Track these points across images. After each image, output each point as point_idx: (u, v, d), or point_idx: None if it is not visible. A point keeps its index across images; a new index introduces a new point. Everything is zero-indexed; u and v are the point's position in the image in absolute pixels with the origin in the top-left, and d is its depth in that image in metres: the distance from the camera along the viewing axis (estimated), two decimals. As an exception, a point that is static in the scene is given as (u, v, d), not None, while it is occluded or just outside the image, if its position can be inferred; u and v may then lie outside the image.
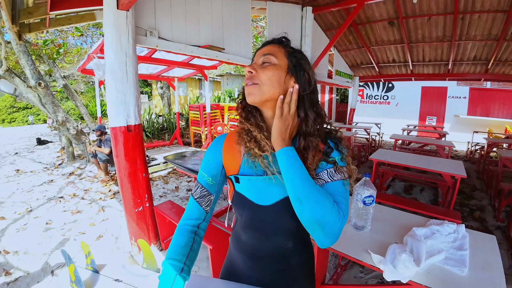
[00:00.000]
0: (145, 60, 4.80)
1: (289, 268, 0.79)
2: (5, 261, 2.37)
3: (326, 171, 0.68)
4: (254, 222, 0.75)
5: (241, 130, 0.74)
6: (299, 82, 0.71)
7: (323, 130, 0.74)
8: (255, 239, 0.77)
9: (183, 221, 0.76)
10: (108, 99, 2.13)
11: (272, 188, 0.71)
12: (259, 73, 0.69)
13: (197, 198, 0.76)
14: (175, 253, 0.70)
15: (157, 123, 9.45)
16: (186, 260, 0.70)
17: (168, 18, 2.53)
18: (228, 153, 0.77)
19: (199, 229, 0.77)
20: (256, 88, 0.69)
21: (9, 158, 6.67)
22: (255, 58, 0.74)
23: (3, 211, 3.41)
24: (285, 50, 0.73)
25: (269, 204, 0.72)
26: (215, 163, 0.78)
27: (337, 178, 0.67)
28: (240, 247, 0.81)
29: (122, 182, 2.28)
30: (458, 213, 2.24)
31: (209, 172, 0.77)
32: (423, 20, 4.84)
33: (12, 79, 4.60)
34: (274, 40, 0.76)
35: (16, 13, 1.93)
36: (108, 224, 3.03)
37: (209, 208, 0.77)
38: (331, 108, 13.98)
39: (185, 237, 0.73)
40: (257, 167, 0.70)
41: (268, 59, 0.70)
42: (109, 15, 1.93)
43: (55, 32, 6.90)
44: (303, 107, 0.71)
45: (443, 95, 9.34)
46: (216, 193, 0.78)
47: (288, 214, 0.70)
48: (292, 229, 0.75)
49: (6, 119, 18.10)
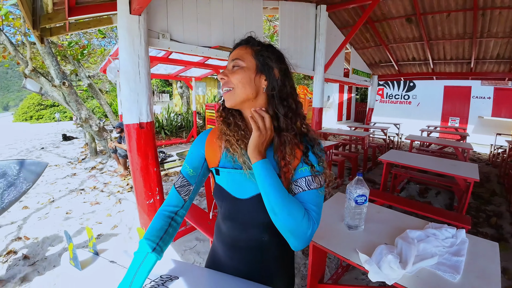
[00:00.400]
0: (163, 61, 4.96)
1: (266, 260, 0.83)
2: (25, 246, 2.58)
3: (305, 179, 0.72)
4: (232, 214, 0.80)
5: (221, 128, 0.79)
6: (268, 79, 0.74)
7: (299, 126, 0.77)
8: (233, 230, 0.82)
9: (163, 207, 0.82)
10: (122, 98, 2.27)
11: (248, 183, 0.75)
12: (230, 78, 0.74)
13: (178, 187, 0.82)
14: (150, 234, 0.76)
15: (176, 121, 9.73)
16: (159, 241, 0.75)
17: (180, 21, 2.63)
18: (210, 147, 0.82)
19: (176, 216, 0.82)
20: (230, 93, 0.74)
21: (35, 152, 7.15)
22: (228, 64, 0.78)
23: (27, 201, 3.69)
24: (252, 50, 0.75)
25: (245, 198, 0.77)
26: (198, 156, 0.83)
27: (313, 187, 0.71)
28: (221, 238, 0.86)
29: (135, 176, 2.41)
30: (469, 218, 2.16)
31: (191, 164, 0.83)
32: (442, 16, 4.65)
33: (38, 79, 4.94)
34: (242, 41, 0.78)
35: (37, 19, 2.09)
36: (124, 215, 3.21)
37: (187, 198, 0.82)
38: (350, 107, 13.67)
39: (161, 221, 0.79)
40: (235, 162, 0.76)
41: (236, 63, 0.74)
42: (123, 19, 2.05)
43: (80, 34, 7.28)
44: (273, 104, 0.74)
45: (467, 95, 8.87)
46: (196, 184, 0.83)
47: (263, 209, 0.73)
48: (267, 224, 0.76)
49: (34, 116, 19.32)
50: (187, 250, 2.49)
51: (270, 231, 0.80)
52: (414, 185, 4.18)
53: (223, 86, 0.75)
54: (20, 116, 19.97)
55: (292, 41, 4.28)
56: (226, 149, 0.78)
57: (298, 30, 4.33)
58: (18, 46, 5.96)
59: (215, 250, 0.91)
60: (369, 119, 8.25)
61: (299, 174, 0.73)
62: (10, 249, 2.53)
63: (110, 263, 0.92)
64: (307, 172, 0.72)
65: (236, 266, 0.84)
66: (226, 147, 0.77)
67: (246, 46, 0.76)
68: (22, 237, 2.74)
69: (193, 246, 2.54)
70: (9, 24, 5.71)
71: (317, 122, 5.15)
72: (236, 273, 0.84)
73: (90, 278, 0.86)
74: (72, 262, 0.91)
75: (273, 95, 0.74)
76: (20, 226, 2.99)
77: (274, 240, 0.82)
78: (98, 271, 0.89)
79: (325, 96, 12.75)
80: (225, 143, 0.76)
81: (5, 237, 2.74)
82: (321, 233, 1.36)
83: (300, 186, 0.72)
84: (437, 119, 9.53)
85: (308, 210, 0.69)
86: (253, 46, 0.76)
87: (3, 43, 5.08)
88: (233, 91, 0.73)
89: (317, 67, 4.81)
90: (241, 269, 0.83)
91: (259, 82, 0.74)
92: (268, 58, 0.74)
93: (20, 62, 5.09)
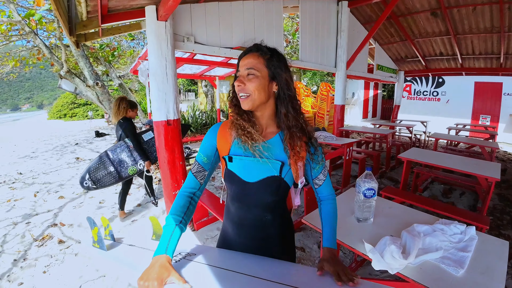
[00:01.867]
0: (188, 62, 5.18)
1: (269, 237, 0.97)
2: (60, 232, 2.89)
3: (322, 173, 0.99)
4: (240, 196, 0.94)
5: (235, 121, 0.91)
6: (279, 84, 0.89)
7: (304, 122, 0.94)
8: (240, 210, 0.96)
9: (183, 189, 0.95)
10: (152, 97, 2.48)
11: (258, 168, 0.89)
12: (247, 85, 0.86)
13: (194, 173, 0.95)
14: (175, 210, 0.89)
15: (200, 119, 10.06)
16: (184, 216, 0.88)
17: (203, 24, 2.79)
18: (222, 138, 0.94)
19: (195, 196, 0.95)
20: (248, 100, 0.87)
21: (70, 147, 7.75)
22: (240, 69, 0.89)
23: (63, 191, 4.08)
24: (263, 60, 0.87)
25: (253, 181, 0.90)
26: (211, 146, 0.95)
27: (326, 174, 1.01)
28: (230, 217, 1.01)
29: (162, 169, 2.62)
30: (488, 219, 2.11)
31: (205, 153, 0.95)
32: (467, 10, 4.45)
33: (72, 79, 5.38)
34: (252, 49, 0.90)
35: (72, 26, 2.35)
36: (152, 205, 3.46)
37: (203, 181, 0.96)
38: (376, 104, 13.22)
39: (183, 200, 0.92)
40: (246, 150, 0.88)
41: (251, 72, 0.86)
42: (151, 25, 2.24)
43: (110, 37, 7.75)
44: (284, 105, 0.90)
45: (498, 92, 8.30)
46: (210, 170, 0.96)
47: (268, 191, 0.91)
48: (270, 204, 0.93)
49: (68, 114, 20.69)
50: (208, 239, 2.66)
51: (272, 211, 0.95)
52: (438, 185, 4.07)
53: (240, 91, 0.88)
54: (55, 114, 21.47)
55: (314, 39, 4.30)
56: (237, 138, 0.91)
57: (319, 27, 4.35)
58: (52, 48, 6.46)
59: (225, 229, 1.05)
60: (395, 117, 8.00)
61: (317, 172, 0.98)
62: (46, 234, 2.83)
63: (129, 246, 1.06)
64: (320, 168, 0.98)
65: (244, 242, 0.98)
66: (237, 137, 0.91)
67: (258, 55, 0.88)
68: (58, 224, 3.05)
69: (215, 235, 2.71)
70: (42, 28, 6.18)
71: (339, 119, 5.13)
72: (244, 249, 0.98)
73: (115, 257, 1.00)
74: (97, 244, 1.04)
75: (283, 97, 0.90)
76: (56, 214, 3.32)
77: (276, 219, 0.97)
78: (120, 253, 1.02)
79: (349, 93, 12.46)
80: (243, 135, 0.88)
81: (41, 224, 3.07)
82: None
83: (321, 179, 1.00)
84: (468, 116, 9.02)
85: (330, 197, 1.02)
86: (264, 55, 0.88)
87: (38, 46, 5.55)
88: (250, 98, 0.87)
89: (339, 64, 4.79)
90: (248, 245, 0.97)
91: (271, 88, 0.90)
92: (278, 67, 0.88)
93: (55, 63, 5.55)
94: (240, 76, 0.88)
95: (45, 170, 5.32)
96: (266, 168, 0.89)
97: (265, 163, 0.88)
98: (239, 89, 0.87)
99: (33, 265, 2.33)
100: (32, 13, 5.25)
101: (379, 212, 1.56)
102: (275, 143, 0.92)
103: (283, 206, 1.00)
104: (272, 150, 0.91)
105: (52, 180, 4.68)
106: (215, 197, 2.76)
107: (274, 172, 0.89)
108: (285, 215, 1.02)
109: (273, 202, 0.93)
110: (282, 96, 0.90)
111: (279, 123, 0.93)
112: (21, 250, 2.55)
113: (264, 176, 0.89)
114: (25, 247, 2.60)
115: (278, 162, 0.89)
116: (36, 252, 2.52)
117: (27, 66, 7.75)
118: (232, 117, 0.94)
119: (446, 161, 2.81)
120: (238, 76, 0.89)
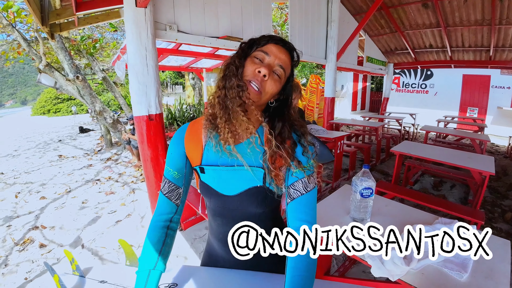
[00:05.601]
0: (173, 53, 4.97)
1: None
2: (41, 235, 2.72)
3: (301, 181, 0.71)
4: (221, 210, 0.79)
5: (212, 116, 0.73)
6: (287, 87, 0.76)
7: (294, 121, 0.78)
8: (224, 226, 0.80)
9: (156, 217, 0.78)
10: (131, 90, 2.30)
11: (236, 179, 0.74)
12: (268, 82, 0.68)
13: (166, 194, 0.78)
14: (148, 249, 0.73)
15: (188, 112, 9.82)
16: (159, 255, 0.73)
17: (187, 12, 2.61)
18: (190, 143, 0.77)
19: (172, 223, 0.79)
20: (257, 96, 0.68)
21: (53, 145, 7.45)
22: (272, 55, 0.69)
23: (44, 192, 3.87)
24: (291, 63, 0.74)
25: (234, 194, 0.75)
26: (179, 155, 0.77)
27: (310, 188, 0.72)
28: (214, 233, 0.86)
29: (145, 167, 2.46)
30: (483, 213, 2.08)
31: (174, 166, 0.78)
32: (459, 1, 4.41)
33: (52, 73, 5.09)
34: (287, 46, 0.73)
35: (45, 15, 2.13)
36: (137, 205, 3.31)
37: (179, 201, 0.79)
38: (364, 97, 13.30)
39: (157, 233, 0.76)
40: (222, 156, 0.72)
41: (280, 72, 0.70)
42: (129, 12, 2.05)
43: (92, 28, 7.39)
44: (288, 108, 0.76)
45: (486, 85, 8.42)
46: (185, 185, 0.80)
47: (253, 203, 0.74)
48: (258, 216, 0.77)
49: (52, 109, 19.96)
50: (196, 239, 2.54)
51: (260, 222, 0.77)
52: (429, 177, 4.07)
53: (255, 81, 0.67)
54: (38, 110, 20.69)
55: (303, 29, 4.16)
56: (210, 139, 0.73)
57: (309, 17, 4.21)
58: (32, 42, 6.12)
59: (211, 245, 0.91)
60: (384, 109, 8.01)
61: (294, 178, 0.72)
62: (27, 237, 2.67)
63: (100, 283, 0.87)
64: (302, 174, 0.71)
65: (233, 259, 0.83)
66: (211, 138, 0.73)
67: (290, 55, 0.73)
68: (39, 226, 2.87)
69: (203, 235, 2.60)
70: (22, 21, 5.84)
71: (329, 112, 5.06)
72: (234, 265, 0.85)
73: None
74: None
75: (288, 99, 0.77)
76: (37, 216, 3.14)
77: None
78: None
79: (339, 85, 12.45)
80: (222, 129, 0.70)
81: (22, 227, 2.89)
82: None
83: (298, 190, 0.71)
84: (455, 109, 9.15)
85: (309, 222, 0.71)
86: (293, 59, 0.74)
87: (17, 39, 5.22)
88: (260, 95, 0.69)
89: (329, 55, 4.68)
90: (238, 261, 0.82)
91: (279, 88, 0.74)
92: (292, 81, 0.76)
93: (34, 57, 5.24)
94: (269, 64, 0.69)
95: (27, 169, 5.08)
96: (247, 178, 0.73)
97: (244, 171, 0.72)
98: (260, 79, 0.67)
99: (15, 271, 2.21)
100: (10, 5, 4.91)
101: (376, 210, 1.48)
102: (253, 144, 0.74)
103: (275, 215, 0.85)
104: (251, 154, 0.73)
105: (34, 179, 4.46)
106: (194, 189, 2.61)
107: (257, 182, 0.73)
108: (279, 224, 0.86)
109: (263, 213, 0.78)
110: (287, 98, 0.77)
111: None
112: (2, 256, 2.41)
113: (245, 187, 0.74)
114: (6, 252, 2.46)
115: (261, 170, 0.73)
116: (17, 257, 2.39)
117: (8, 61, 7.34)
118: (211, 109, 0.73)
119: (439, 154, 2.77)
120: (266, 63, 0.69)
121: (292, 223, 0.71)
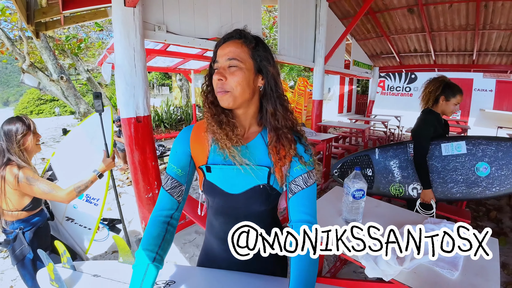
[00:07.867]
0: (161, 54, 4.90)
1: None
2: None
3: (301, 177, 0.75)
4: (224, 209, 0.79)
5: (209, 124, 0.75)
6: (266, 78, 0.74)
7: (294, 120, 0.79)
8: (226, 224, 0.79)
9: (156, 212, 0.77)
10: (118, 92, 2.25)
11: (241, 178, 0.75)
12: (228, 80, 0.70)
13: (169, 190, 0.77)
14: (148, 243, 0.71)
15: (175, 114, 9.69)
16: (158, 250, 0.71)
17: (176, 12, 2.58)
18: (196, 144, 0.78)
19: (172, 219, 0.78)
20: (228, 96, 0.70)
21: (36, 147, 7.13)
22: (219, 59, 0.72)
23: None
24: (248, 49, 0.71)
25: (239, 193, 0.76)
26: (184, 154, 0.79)
27: (310, 183, 0.76)
28: (214, 232, 0.85)
29: (133, 170, 2.40)
30: (469, 212, 2.15)
31: (178, 163, 0.78)
32: (444, 7, 4.57)
33: (35, 74, 4.92)
34: (235, 35, 0.73)
35: (31, 13, 2.06)
36: (124, 209, 3.17)
37: (181, 198, 0.79)
38: (350, 100, 13.59)
39: (157, 228, 0.74)
40: (226, 158, 0.73)
41: (234, 63, 0.70)
42: (117, 12, 2.01)
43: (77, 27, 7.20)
44: (272, 102, 0.75)
45: (469, 88, 8.75)
46: (187, 183, 0.80)
47: (257, 201, 0.76)
48: (261, 214, 0.79)
49: (34, 111, 19.25)
50: (186, 243, 2.50)
51: (262, 221, 0.79)
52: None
53: (218, 88, 0.71)
54: (20, 111, 19.91)
55: (292, 32, 4.20)
56: (215, 143, 0.75)
57: (297, 21, 4.26)
58: (16, 41, 5.92)
59: (209, 245, 0.90)
60: (369, 112, 8.19)
61: (296, 173, 0.76)
62: None
63: (93, 277, 0.85)
64: (303, 170, 0.75)
65: (231, 258, 0.81)
66: (215, 142, 0.75)
67: (241, 43, 0.71)
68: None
69: (193, 239, 2.55)
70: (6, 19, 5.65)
71: (317, 114, 5.12)
72: (231, 265, 0.84)
73: None
74: (55, 283, 0.81)
75: (270, 94, 0.75)
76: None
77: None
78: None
79: (326, 88, 12.64)
80: (220, 142, 0.73)
81: None
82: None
83: (299, 185, 0.75)
84: (439, 111, 9.44)
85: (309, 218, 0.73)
86: (249, 43, 0.72)
87: (0, 38, 5.03)
88: (230, 94, 0.70)
89: (317, 58, 4.74)
90: (236, 261, 0.81)
91: (256, 82, 0.74)
92: (264, 59, 0.73)
93: (18, 57, 5.06)
94: (220, 68, 0.71)
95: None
96: (252, 176, 0.74)
97: (246, 170, 0.73)
98: (220, 84, 0.70)
99: (0, 279, 2.10)
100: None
101: (367, 211, 1.49)
102: (258, 145, 0.77)
103: (274, 214, 0.86)
104: (256, 154, 0.76)
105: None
106: (191, 198, 2.58)
107: (262, 181, 0.75)
108: (277, 223, 0.88)
109: (265, 211, 0.80)
110: (268, 92, 0.75)
111: (262, 120, 0.79)
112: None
113: (251, 185, 0.75)
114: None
115: (266, 169, 0.75)
116: (2, 263, 2.26)
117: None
118: (207, 118, 0.76)
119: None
120: (217, 68, 0.72)
121: (294, 216, 0.75)
